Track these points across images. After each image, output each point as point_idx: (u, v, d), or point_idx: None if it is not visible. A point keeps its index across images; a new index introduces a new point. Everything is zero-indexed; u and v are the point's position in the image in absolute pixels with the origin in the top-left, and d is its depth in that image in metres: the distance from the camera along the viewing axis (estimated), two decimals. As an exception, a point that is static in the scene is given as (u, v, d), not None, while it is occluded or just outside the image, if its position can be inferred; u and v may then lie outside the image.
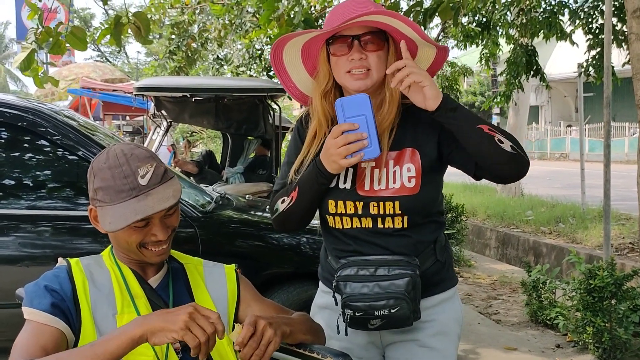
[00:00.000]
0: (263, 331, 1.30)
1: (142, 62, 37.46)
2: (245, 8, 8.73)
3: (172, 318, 1.20)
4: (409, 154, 1.58)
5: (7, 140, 3.05)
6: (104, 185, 1.35)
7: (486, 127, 1.49)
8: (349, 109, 1.48)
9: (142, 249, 1.39)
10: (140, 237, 1.37)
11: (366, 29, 1.54)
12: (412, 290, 1.52)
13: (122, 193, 1.34)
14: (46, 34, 3.53)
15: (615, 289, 3.71)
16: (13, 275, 2.86)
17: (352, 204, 1.59)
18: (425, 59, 1.64)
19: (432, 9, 4.00)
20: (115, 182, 1.35)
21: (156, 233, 1.38)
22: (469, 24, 7.93)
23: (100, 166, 1.37)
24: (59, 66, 16.07)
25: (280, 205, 1.65)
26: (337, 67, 1.57)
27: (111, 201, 1.34)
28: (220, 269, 1.56)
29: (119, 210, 1.33)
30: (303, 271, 3.26)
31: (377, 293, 1.52)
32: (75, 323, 1.33)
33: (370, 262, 1.57)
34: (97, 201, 1.38)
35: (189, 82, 6.35)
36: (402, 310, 1.51)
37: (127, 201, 1.33)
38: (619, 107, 20.13)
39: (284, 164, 1.73)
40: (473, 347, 4.14)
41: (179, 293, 1.47)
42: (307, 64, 1.67)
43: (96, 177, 1.37)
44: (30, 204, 3.01)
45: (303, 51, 1.64)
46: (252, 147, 6.81)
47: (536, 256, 7.04)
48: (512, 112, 10.42)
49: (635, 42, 3.55)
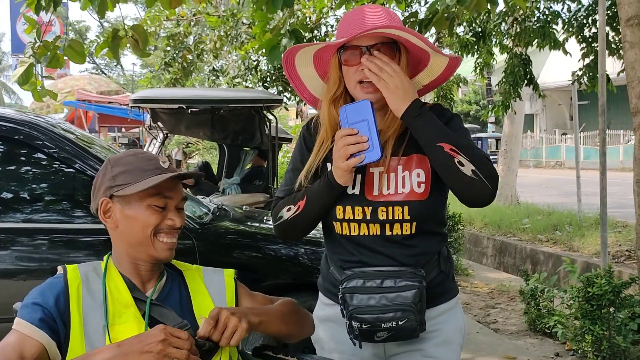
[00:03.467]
0: (226, 322, 1.32)
1: (138, 74, 37.49)
2: (240, 20, 8.77)
3: (147, 349, 1.21)
4: (418, 159, 1.58)
5: (3, 153, 3.04)
6: (128, 168, 1.41)
7: (448, 147, 1.48)
8: (352, 115, 1.51)
9: (155, 238, 1.41)
10: (158, 219, 1.41)
11: (378, 39, 1.53)
12: (419, 302, 1.51)
13: (147, 172, 1.40)
14: (44, 47, 3.54)
15: (613, 297, 3.71)
16: (10, 289, 2.85)
17: (361, 209, 1.58)
18: (438, 68, 1.64)
19: (427, 20, 4.02)
20: (140, 163, 1.42)
21: (173, 218, 1.42)
22: (466, 34, 7.99)
23: (120, 157, 1.45)
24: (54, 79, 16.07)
25: (285, 213, 1.63)
26: (348, 76, 1.58)
27: (135, 180, 1.39)
28: (220, 277, 1.56)
29: (147, 181, 1.39)
30: (301, 282, 3.24)
31: (384, 305, 1.51)
32: (63, 340, 1.33)
33: (376, 274, 1.56)
34: (116, 187, 1.41)
35: (185, 93, 6.36)
36: (409, 322, 1.50)
37: (152, 177, 1.39)
38: (614, 115, 20.27)
39: (289, 171, 1.71)
40: (472, 357, 4.13)
41: (174, 302, 1.46)
42: (319, 69, 1.67)
43: (116, 166, 1.43)
44: (26, 217, 3.00)
45: (315, 56, 1.64)
46: (249, 158, 6.81)
47: (533, 264, 7.04)
48: (508, 120, 10.46)
49: (629, 51, 3.58)
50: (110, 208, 1.42)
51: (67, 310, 1.35)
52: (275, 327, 1.46)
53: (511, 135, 10.61)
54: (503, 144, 10.75)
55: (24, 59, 3.49)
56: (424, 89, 1.72)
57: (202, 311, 1.44)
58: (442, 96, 10.40)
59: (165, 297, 1.46)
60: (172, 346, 1.22)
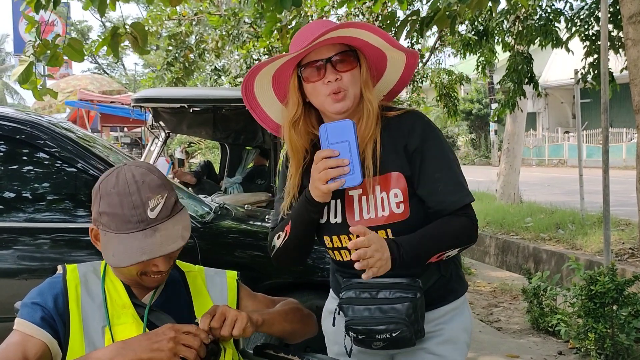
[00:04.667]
0: (224, 312, 1.32)
1: (140, 74, 37.53)
2: (242, 19, 8.76)
3: (157, 347, 1.20)
4: (394, 178, 1.57)
5: (5, 153, 3.04)
6: (111, 212, 1.31)
7: (434, 258, 1.53)
8: (332, 135, 1.46)
9: (143, 276, 1.37)
10: (141, 268, 1.35)
11: (335, 49, 1.53)
12: (412, 314, 1.51)
13: (129, 224, 1.29)
14: (44, 46, 3.54)
15: (616, 295, 3.70)
16: (11, 288, 2.85)
17: (347, 237, 1.59)
18: (396, 65, 1.63)
19: (429, 18, 4.01)
20: (123, 210, 1.30)
21: (158, 264, 1.35)
22: (467, 32, 7.97)
23: (108, 190, 1.32)
24: (56, 78, 16.10)
25: (276, 241, 1.64)
26: (315, 93, 1.55)
27: (117, 230, 1.30)
28: (222, 279, 1.55)
29: (124, 242, 1.29)
30: (302, 281, 3.24)
31: (378, 317, 1.52)
32: (64, 338, 1.33)
33: (372, 285, 1.56)
34: (101, 224, 1.34)
35: (187, 92, 6.35)
36: (402, 334, 1.51)
37: (133, 233, 1.29)
38: (617, 113, 20.21)
39: (276, 201, 1.72)
40: (475, 356, 4.12)
41: (173, 306, 1.46)
42: (278, 93, 1.64)
43: (102, 200, 1.32)
44: (28, 217, 3.00)
45: (274, 80, 1.61)
46: (251, 157, 6.80)
47: (536, 263, 7.02)
48: (510, 119, 10.43)
49: (631, 48, 3.56)
50: (98, 235, 1.38)
51: (67, 310, 1.35)
52: (279, 327, 1.47)
53: (513, 134, 10.58)
54: (505, 142, 10.72)
55: (24, 57, 3.49)
56: (390, 94, 1.72)
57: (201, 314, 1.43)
58: (446, 94, 10.38)
59: (165, 301, 1.46)
60: (182, 344, 1.22)
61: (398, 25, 4.48)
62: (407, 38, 6.26)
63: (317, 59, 1.53)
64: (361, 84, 1.56)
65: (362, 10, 8.25)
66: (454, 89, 10.46)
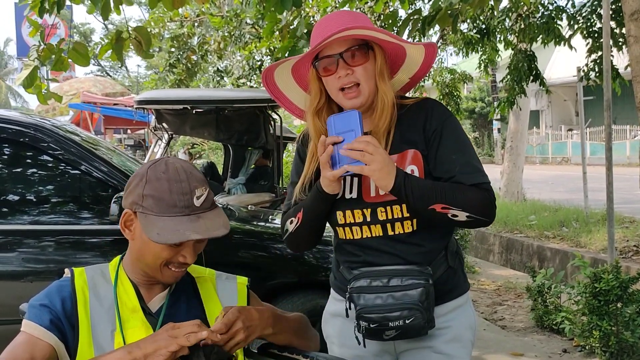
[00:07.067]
0: (235, 334, 1.32)
1: (143, 76, 37.60)
2: (244, 20, 8.78)
3: (159, 338, 1.23)
4: (411, 155, 1.58)
5: (10, 156, 3.06)
6: (158, 195, 1.34)
7: (439, 206, 1.50)
8: (339, 125, 1.51)
9: (165, 267, 1.38)
10: (170, 255, 1.37)
11: (348, 44, 1.54)
12: (425, 300, 1.51)
13: (174, 208, 1.34)
14: (48, 50, 3.56)
15: (621, 292, 3.69)
16: (17, 290, 2.86)
17: (360, 212, 1.59)
18: (414, 56, 1.64)
19: (430, 17, 4.01)
20: (171, 195, 1.34)
21: (186, 255, 1.38)
22: (469, 30, 7.96)
23: (158, 175, 1.36)
24: (60, 81, 16.14)
25: (289, 226, 1.67)
26: (329, 86, 1.59)
27: (160, 212, 1.34)
28: (233, 285, 1.55)
29: (169, 224, 1.33)
30: (307, 280, 3.25)
31: (391, 304, 1.52)
32: (72, 342, 1.33)
33: (383, 273, 1.56)
34: (141, 207, 1.36)
35: (190, 94, 6.37)
36: (416, 320, 1.51)
37: (178, 217, 1.34)
38: (620, 110, 20.15)
39: (289, 185, 1.75)
40: (479, 354, 4.12)
41: (183, 307, 1.46)
42: (300, 82, 1.69)
43: (149, 184, 1.36)
44: (33, 219, 3.02)
45: (293, 72, 1.66)
46: (254, 157, 6.82)
47: (540, 261, 7.02)
48: (513, 117, 10.42)
49: (634, 45, 3.55)
50: (132, 220, 1.39)
51: (75, 313, 1.35)
52: (285, 339, 1.48)
53: (517, 132, 10.57)
54: (509, 140, 10.71)
55: (29, 62, 3.51)
56: (410, 83, 1.73)
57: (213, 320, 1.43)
58: (448, 93, 10.38)
59: (174, 303, 1.46)
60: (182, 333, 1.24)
61: (400, 24, 4.48)
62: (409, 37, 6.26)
63: (330, 54, 1.55)
64: (376, 76, 1.57)
65: (364, 10, 8.25)
66: (456, 88, 10.46)
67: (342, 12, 1.63)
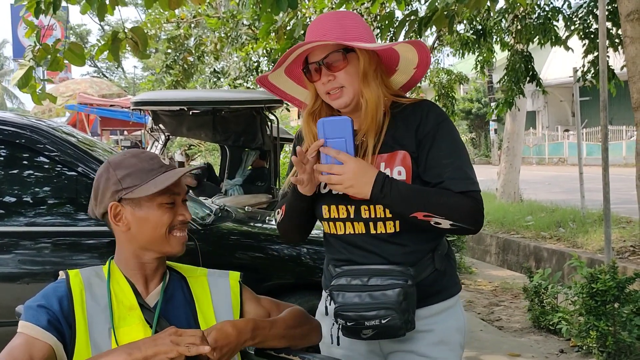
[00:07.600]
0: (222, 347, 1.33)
1: (139, 77, 37.58)
2: (240, 21, 8.77)
3: (160, 342, 1.24)
4: (400, 157, 1.58)
5: (6, 157, 3.05)
6: (132, 170, 1.42)
7: (421, 215, 1.49)
8: (330, 130, 1.49)
9: (170, 235, 1.44)
10: (171, 217, 1.43)
11: (328, 49, 1.55)
12: (403, 301, 1.49)
13: (152, 171, 1.43)
14: (44, 51, 3.55)
15: (617, 293, 3.70)
16: (13, 292, 2.85)
17: (345, 208, 1.60)
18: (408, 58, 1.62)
19: (427, 18, 4.01)
20: (142, 164, 1.44)
21: (183, 213, 1.46)
22: (466, 32, 7.97)
23: (119, 159, 1.45)
24: (55, 82, 16.11)
25: (277, 216, 1.73)
26: (319, 90, 1.62)
27: (142, 181, 1.41)
28: (225, 281, 1.56)
29: (156, 181, 1.41)
30: (304, 282, 3.25)
31: (368, 303, 1.51)
32: (69, 342, 1.34)
33: (363, 272, 1.56)
34: (124, 190, 1.41)
35: (186, 95, 6.37)
36: (392, 320, 1.49)
37: (159, 176, 1.42)
38: (616, 111, 20.19)
39: (287, 176, 1.76)
40: (476, 354, 4.12)
41: (176, 305, 1.47)
42: (299, 82, 1.71)
43: (118, 169, 1.43)
44: (29, 221, 3.01)
45: (289, 73, 1.68)
46: (250, 159, 6.82)
47: (537, 261, 7.03)
48: (510, 118, 10.43)
49: (630, 46, 3.56)
50: (120, 211, 1.42)
51: (72, 313, 1.35)
52: (273, 344, 1.48)
53: (513, 133, 10.58)
54: (505, 141, 10.72)
55: (24, 62, 3.50)
56: (410, 82, 1.72)
57: (205, 320, 1.46)
58: (444, 94, 10.38)
59: (170, 298, 1.47)
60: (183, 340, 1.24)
61: (396, 25, 4.49)
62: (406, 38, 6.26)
63: (313, 60, 1.58)
64: (359, 74, 1.57)
65: (361, 11, 8.25)
66: (452, 89, 10.46)
67: (330, 15, 1.62)
